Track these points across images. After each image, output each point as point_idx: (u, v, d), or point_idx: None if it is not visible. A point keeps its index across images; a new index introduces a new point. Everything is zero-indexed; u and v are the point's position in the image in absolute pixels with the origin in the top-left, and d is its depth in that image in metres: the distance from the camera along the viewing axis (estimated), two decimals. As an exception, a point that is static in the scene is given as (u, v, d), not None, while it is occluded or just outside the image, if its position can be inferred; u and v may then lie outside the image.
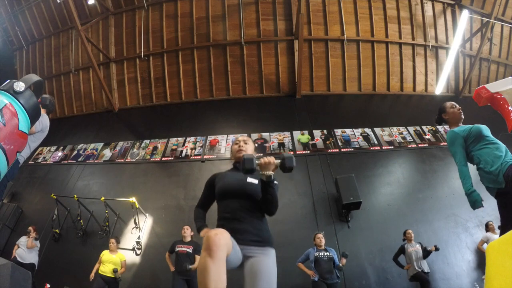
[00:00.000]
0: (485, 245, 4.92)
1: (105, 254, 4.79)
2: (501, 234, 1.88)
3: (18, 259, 5.01)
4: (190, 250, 4.40)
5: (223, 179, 1.87)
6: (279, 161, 1.62)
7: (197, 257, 4.33)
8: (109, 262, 4.67)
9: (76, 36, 8.64)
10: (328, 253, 4.23)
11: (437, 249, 4.48)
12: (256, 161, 1.59)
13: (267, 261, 1.60)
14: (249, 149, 1.98)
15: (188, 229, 4.63)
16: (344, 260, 4.19)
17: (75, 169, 7.30)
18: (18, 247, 5.18)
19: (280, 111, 7.66)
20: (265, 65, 8.00)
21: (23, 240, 5.24)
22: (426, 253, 4.56)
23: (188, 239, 4.58)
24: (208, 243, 1.28)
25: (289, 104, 7.82)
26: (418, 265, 4.47)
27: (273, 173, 1.64)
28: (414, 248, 4.60)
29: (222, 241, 1.30)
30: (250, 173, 1.64)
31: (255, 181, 1.78)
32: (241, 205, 1.72)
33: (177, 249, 4.47)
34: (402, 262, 4.71)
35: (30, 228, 5.36)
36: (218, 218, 1.78)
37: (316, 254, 4.24)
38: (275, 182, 1.71)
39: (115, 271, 4.57)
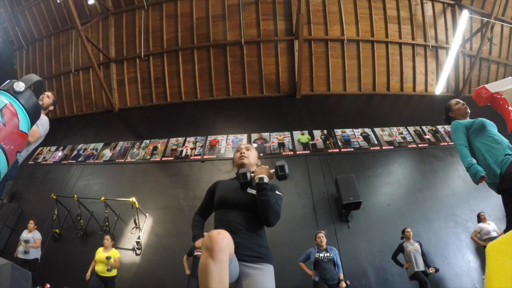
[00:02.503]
0: (478, 236, 4.95)
1: (99, 253, 4.62)
2: (506, 231, 1.87)
3: (20, 255, 5.04)
4: None
5: (223, 187, 1.80)
6: (273, 171, 1.65)
7: None
8: (102, 262, 4.50)
9: (76, 36, 8.64)
10: (328, 254, 4.20)
11: (437, 270, 4.49)
12: (250, 173, 1.63)
13: (264, 281, 1.49)
14: (251, 156, 1.89)
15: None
16: (343, 284, 4.10)
17: (75, 169, 7.30)
18: (21, 244, 5.19)
19: (280, 111, 7.66)
20: (265, 65, 8.00)
21: (24, 235, 5.25)
22: (422, 251, 4.58)
23: None
24: (209, 243, 1.21)
25: (289, 104, 7.82)
26: (417, 263, 4.47)
27: (265, 176, 1.62)
28: (413, 247, 4.60)
29: (224, 241, 1.23)
30: (246, 186, 1.64)
31: (255, 192, 1.67)
32: (238, 216, 1.62)
33: (195, 253, 4.41)
34: (401, 261, 4.70)
35: (31, 222, 5.38)
36: (215, 227, 1.68)
37: (317, 255, 4.20)
38: (278, 192, 1.67)
39: (108, 258, 4.38)
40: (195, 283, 4.21)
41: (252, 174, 1.64)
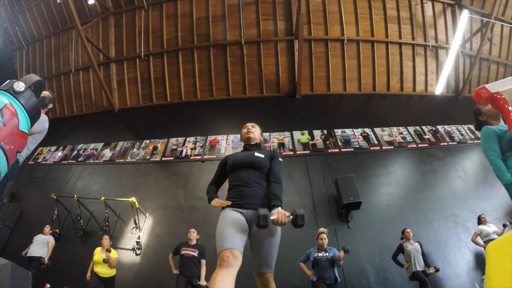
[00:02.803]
0: (478, 238, 4.92)
1: (96, 254, 4.62)
2: None
3: (28, 254, 5.07)
4: (195, 254, 4.37)
5: (234, 156, 2.14)
6: (291, 217, 1.70)
7: (202, 262, 4.35)
8: (99, 263, 4.51)
9: (76, 36, 8.63)
10: (327, 254, 4.17)
11: (437, 270, 4.45)
12: (271, 217, 1.67)
13: (271, 226, 1.76)
14: (256, 132, 2.24)
15: (194, 232, 4.58)
16: (342, 253, 4.06)
17: (75, 169, 7.30)
18: (32, 242, 5.24)
19: (280, 111, 7.66)
20: (265, 65, 8.00)
21: (39, 237, 5.27)
22: (422, 251, 4.56)
23: (194, 242, 4.53)
24: (222, 263, 1.56)
25: (289, 104, 7.82)
26: (417, 263, 4.46)
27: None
28: (413, 247, 4.59)
29: (236, 262, 1.57)
30: (263, 228, 1.69)
31: (262, 155, 2.03)
32: (250, 174, 1.94)
33: (182, 252, 4.40)
34: (401, 261, 4.70)
35: (47, 226, 5.45)
36: (229, 188, 2.01)
37: (316, 255, 4.20)
38: (280, 159, 2.04)
39: (108, 251, 4.47)
40: (185, 281, 4.21)
41: (272, 218, 1.68)
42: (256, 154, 2.04)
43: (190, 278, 4.23)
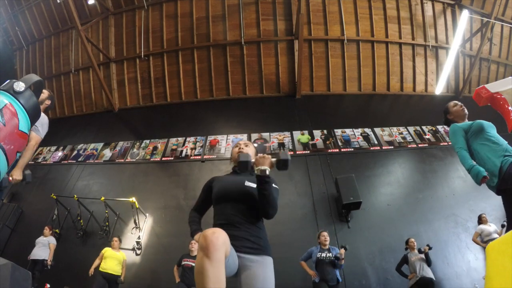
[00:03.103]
0: (479, 238, 4.88)
1: (108, 251, 4.91)
2: (506, 231, 1.87)
3: (31, 257, 5.11)
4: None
5: (221, 181, 1.80)
6: (274, 159, 1.60)
7: None
8: (112, 258, 4.79)
9: (76, 36, 8.64)
10: (330, 254, 4.14)
11: (430, 248, 4.43)
12: (252, 160, 1.60)
13: (264, 273, 1.51)
14: (249, 151, 1.90)
15: (196, 244, 4.64)
16: (342, 250, 4.06)
17: (75, 169, 7.30)
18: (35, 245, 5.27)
19: (280, 111, 7.66)
20: (265, 65, 8.00)
21: (41, 239, 5.29)
22: (426, 258, 4.48)
23: (195, 253, 4.57)
24: (205, 243, 1.18)
25: (289, 104, 7.82)
26: (423, 272, 4.37)
27: (267, 167, 1.59)
28: (417, 257, 4.53)
29: (220, 240, 1.21)
30: (245, 169, 1.60)
31: (254, 185, 1.66)
32: (238, 209, 1.62)
33: (183, 262, 4.53)
34: (405, 270, 4.63)
35: (46, 228, 5.47)
36: (213, 224, 1.66)
37: (318, 255, 4.16)
38: (274, 186, 1.66)
39: (118, 282, 4.75)
40: (184, 287, 4.29)
41: (252, 161, 1.60)
42: (247, 183, 1.69)
43: (189, 287, 4.29)
